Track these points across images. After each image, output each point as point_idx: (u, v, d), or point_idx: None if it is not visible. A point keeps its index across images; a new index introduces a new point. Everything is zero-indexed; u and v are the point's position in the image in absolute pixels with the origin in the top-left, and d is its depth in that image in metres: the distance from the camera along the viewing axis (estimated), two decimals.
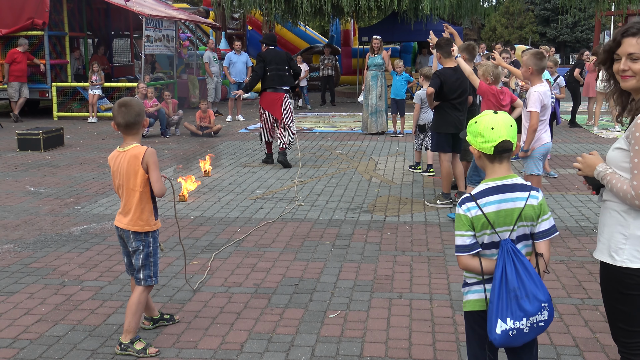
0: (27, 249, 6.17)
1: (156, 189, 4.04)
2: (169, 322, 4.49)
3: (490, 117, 2.88)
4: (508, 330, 2.77)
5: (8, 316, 4.65)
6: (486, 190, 2.87)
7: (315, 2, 18.90)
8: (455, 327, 4.43)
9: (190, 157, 11.09)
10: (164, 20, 17.86)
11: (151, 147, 4.05)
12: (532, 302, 2.76)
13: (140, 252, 4.12)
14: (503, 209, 2.84)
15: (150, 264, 4.15)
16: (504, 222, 2.84)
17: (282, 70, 10.32)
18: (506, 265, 2.79)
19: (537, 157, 6.25)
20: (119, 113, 4.02)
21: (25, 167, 10.33)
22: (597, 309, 4.71)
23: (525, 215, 2.84)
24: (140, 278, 4.15)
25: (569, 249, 6.08)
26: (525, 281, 2.77)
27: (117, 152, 4.13)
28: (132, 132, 4.06)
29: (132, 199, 4.06)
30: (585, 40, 58.32)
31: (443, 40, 7.77)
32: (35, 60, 16.46)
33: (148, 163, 4.00)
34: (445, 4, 18.18)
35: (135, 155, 4.01)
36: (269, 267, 5.66)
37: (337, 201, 8.00)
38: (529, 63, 6.27)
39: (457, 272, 5.44)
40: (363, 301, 4.89)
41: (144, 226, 4.09)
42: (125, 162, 4.04)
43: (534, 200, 2.86)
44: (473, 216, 2.84)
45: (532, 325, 2.79)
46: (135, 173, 4.01)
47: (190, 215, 7.34)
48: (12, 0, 16.47)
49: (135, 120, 4.02)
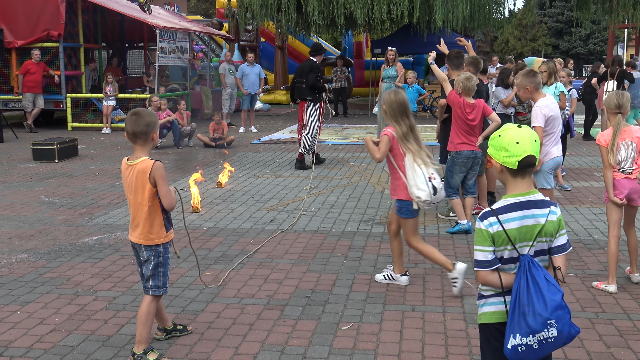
0: (41, 259, 6.21)
1: (166, 203, 4.04)
2: (182, 332, 4.50)
3: (515, 131, 2.85)
4: (517, 346, 2.76)
5: (22, 326, 4.68)
6: (508, 206, 2.85)
7: (328, 14, 18.98)
8: (469, 340, 4.41)
9: (204, 166, 11.14)
10: (177, 32, 17.98)
11: (159, 161, 4.05)
12: (536, 318, 2.73)
13: (150, 261, 4.13)
14: (524, 225, 2.82)
15: (159, 274, 4.16)
16: (524, 237, 2.83)
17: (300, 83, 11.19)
18: (520, 281, 2.78)
19: (546, 171, 6.12)
20: (129, 121, 4.05)
21: (39, 177, 10.41)
22: (611, 323, 4.68)
23: (546, 231, 2.83)
24: (149, 287, 4.16)
25: (582, 263, 6.05)
26: (533, 297, 2.75)
27: (126, 164, 4.12)
28: (140, 142, 4.05)
29: (141, 212, 4.06)
30: (599, 52, 58.16)
31: (453, 53, 7.75)
32: (51, 72, 16.61)
33: (155, 177, 3.99)
34: (458, 16, 18.21)
35: (143, 169, 4.01)
36: (282, 278, 5.66)
37: (350, 213, 8.00)
38: (525, 83, 6.09)
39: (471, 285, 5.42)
40: (376, 313, 4.88)
41: (155, 239, 4.10)
42: (133, 177, 4.04)
43: (553, 216, 2.85)
44: (494, 232, 2.82)
45: (541, 341, 2.75)
46: (143, 188, 4.02)
47: (203, 226, 7.36)
48: (28, 12, 16.66)
49: (144, 130, 4.01)
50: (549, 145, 6.09)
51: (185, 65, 19.11)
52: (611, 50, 29.27)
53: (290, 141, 14.88)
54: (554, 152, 6.11)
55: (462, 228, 7.04)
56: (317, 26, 19.91)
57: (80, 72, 17.78)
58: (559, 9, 59.01)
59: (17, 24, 16.70)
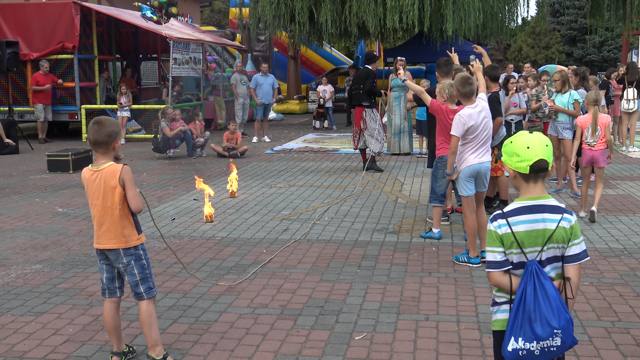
0: (55, 270, 6.24)
1: (133, 206, 4.05)
2: (133, 354, 4.35)
3: (526, 136, 2.89)
4: (518, 350, 2.79)
5: (37, 336, 4.69)
6: (518, 209, 2.88)
7: (340, 23, 19.00)
8: (483, 349, 4.37)
9: (215, 177, 11.16)
10: (191, 43, 18.08)
11: (127, 165, 4.07)
12: (544, 327, 2.76)
13: (132, 266, 4.10)
14: (534, 229, 2.84)
15: (148, 276, 4.16)
16: (534, 242, 2.84)
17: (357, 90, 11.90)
18: (527, 287, 2.81)
19: (463, 178, 6.26)
20: (91, 130, 4.04)
21: (54, 188, 10.47)
22: (627, 332, 4.63)
23: (557, 238, 2.83)
24: (142, 292, 4.14)
25: (598, 271, 6.00)
26: (542, 305, 2.77)
27: (90, 170, 4.11)
28: (101, 150, 4.05)
29: (112, 217, 4.05)
30: (613, 59, 57.81)
31: (442, 61, 7.92)
32: (59, 82, 16.73)
33: (124, 180, 4.00)
34: (471, 25, 18.16)
35: (112, 172, 4.01)
36: (295, 288, 5.65)
37: (363, 222, 7.98)
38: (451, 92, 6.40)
39: (485, 294, 5.39)
40: (389, 323, 4.86)
41: (129, 242, 4.09)
42: (101, 181, 4.03)
43: (566, 222, 2.85)
44: (503, 233, 2.86)
45: (544, 349, 2.78)
46: (112, 191, 4.01)
47: (216, 236, 7.37)
48: (43, 25, 16.83)
49: (105, 140, 4.02)
50: (467, 152, 6.24)
51: (199, 75, 19.20)
52: (625, 57, 29.09)
53: (303, 151, 14.89)
54: (471, 160, 6.22)
55: (433, 236, 7.16)
56: (330, 36, 19.94)
57: (94, 83, 17.91)
58: (573, 16, 58.78)
59: (32, 36, 16.89)
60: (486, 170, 6.32)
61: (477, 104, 6.21)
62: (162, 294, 5.50)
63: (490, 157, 6.42)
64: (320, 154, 14.42)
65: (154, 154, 13.98)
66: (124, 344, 4.32)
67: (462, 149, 6.25)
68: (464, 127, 6.12)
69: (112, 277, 4.20)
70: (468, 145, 6.23)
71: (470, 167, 6.23)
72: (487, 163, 6.30)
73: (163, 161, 13.37)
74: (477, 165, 6.24)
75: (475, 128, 6.16)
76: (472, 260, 6.25)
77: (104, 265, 4.19)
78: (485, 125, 6.24)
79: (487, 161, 6.31)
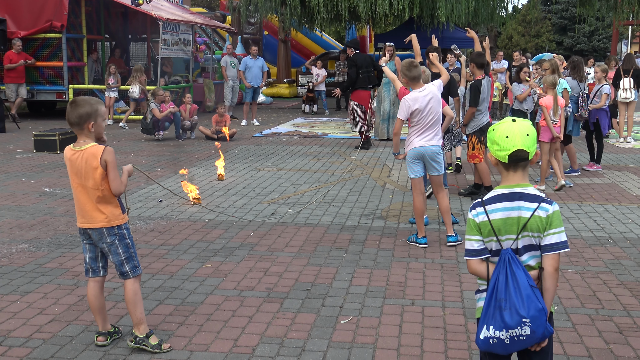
0: (41, 249, 6.21)
1: (113, 187, 4.04)
2: (118, 334, 4.34)
3: (507, 125, 2.88)
4: (489, 338, 2.80)
5: (22, 315, 4.68)
6: (495, 197, 2.89)
7: (332, 7, 18.91)
8: (468, 335, 4.41)
9: (204, 160, 11.13)
10: (180, 25, 17.95)
11: (109, 146, 4.06)
12: (512, 315, 2.75)
13: (117, 246, 4.10)
14: (510, 217, 2.84)
15: (133, 255, 4.16)
16: (510, 230, 2.85)
17: (370, 72, 12.74)
18: (499, 275, 2.81)
19: (409, 160, 6.50)
20: (68, 109, 4.04)
21: (41, 167, 10.41)
22: (611, 319, 4.67)
23: (531, 227, 2.82)
24: (127, 271, 4.14)
25: (583, 259, 6.04)
26: (512, 293, 2.77)
27: (72, 150, 4.09)
28: (77, 130, 4.05)
29: (93, 197, 4.04)
30: (603, 49, 57.99)
31: (432, 48, 8.27)
32: (29, 61, 16.51)
33: (107, 161, 4.00)
34: (462, 12, 18.16)
35: (93, 153, 4.01)
36: (282, 271, 5.66)
37: (351, 207, 8.00)
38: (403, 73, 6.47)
39: (470, 279, 5.41)
40: (375, 307, 4.88)
41: (113, 221, 4.08)
42: (83, 161, 4.03)
43: (542, 212, 2.82)
44: (480, 222, 2.88)
45: (513, 337, 2.77)
46: (94, 171, 4.00)
47: (204, 219, 7.36)
48: (31, 3, 16.63)
49: (75, 121, 4.00)
50: (412, 135, 6.46)
51: (188, 57, 19.07)
52: (615, 47, 29.20)
53: (292, 134, 14.86)
54: (416, 143, 6.43)
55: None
56: (321, 19, 19.84)
57: (83, 63, 17.76)
58: (563, 5, 58.79)
59: (20, 14, 16.69)
60: (432, 154, 6.45)
61: (425, 88, 6.39)
62: (148, 275, 5.49)
63: (439, 141, 6.55)
64: (309, 138, 14.40)
65: (142, 135, 13.91)
66: (109, 324, 4.31)
67: (410, 131, 6.48)
68: (409, 110, 6.31)
69: (95, 256, 4.19)
70: (414, 128, 6.44)
71: (415, 150, 6.44)
72: (433, 147, 6.45)
73: (151, 143, 13.31)
74: (422, 149, 6.42)
75: (420, 111, 6.33)
76: (419, 240, 6.41)
77: (87, 245, 4.18)
78: (431, 110, 6.38)
79: (434, 145, 6.45)
